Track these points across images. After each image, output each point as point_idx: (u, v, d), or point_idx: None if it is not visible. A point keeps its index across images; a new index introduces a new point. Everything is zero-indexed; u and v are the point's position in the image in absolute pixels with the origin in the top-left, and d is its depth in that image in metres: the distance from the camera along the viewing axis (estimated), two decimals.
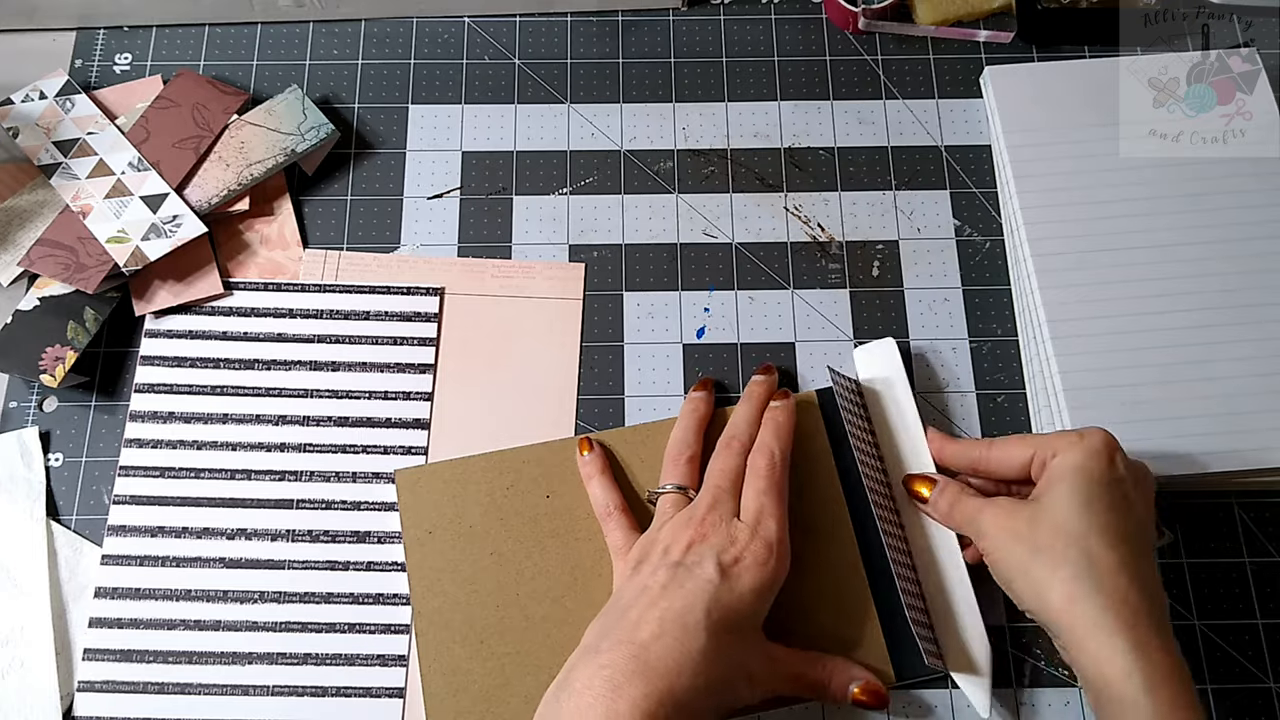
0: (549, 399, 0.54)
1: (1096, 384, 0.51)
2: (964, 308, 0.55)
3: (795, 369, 0.54)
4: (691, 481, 0.48)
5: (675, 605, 0.41)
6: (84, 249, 0.52)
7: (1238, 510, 0.52)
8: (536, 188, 0.58)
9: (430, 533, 0.49)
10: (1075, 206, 0.54)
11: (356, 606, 0.50)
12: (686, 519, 0.46)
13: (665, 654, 0.40)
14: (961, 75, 0.60)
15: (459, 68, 0.61)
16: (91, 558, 0.50)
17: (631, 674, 0.39)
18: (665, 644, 0.40)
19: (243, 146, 0.56)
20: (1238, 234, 0.53)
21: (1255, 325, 0.52)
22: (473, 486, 0.50)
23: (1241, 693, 0.48)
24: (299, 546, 0.51)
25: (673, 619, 0.41)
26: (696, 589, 0.42)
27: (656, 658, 0.39)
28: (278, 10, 0.61)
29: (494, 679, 0.47)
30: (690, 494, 0.48)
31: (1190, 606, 0.50)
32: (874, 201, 0.58)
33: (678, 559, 0.43)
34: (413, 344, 0.54)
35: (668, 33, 0.62)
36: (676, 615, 0.41)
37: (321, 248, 0.56)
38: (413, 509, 0.50)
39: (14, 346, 0.52)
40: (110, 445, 0.52)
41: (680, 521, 0.46)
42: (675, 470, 0.49)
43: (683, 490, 0.48)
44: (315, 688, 0.48)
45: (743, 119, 0.60)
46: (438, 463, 0.51)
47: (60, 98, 0.57)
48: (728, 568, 0.43)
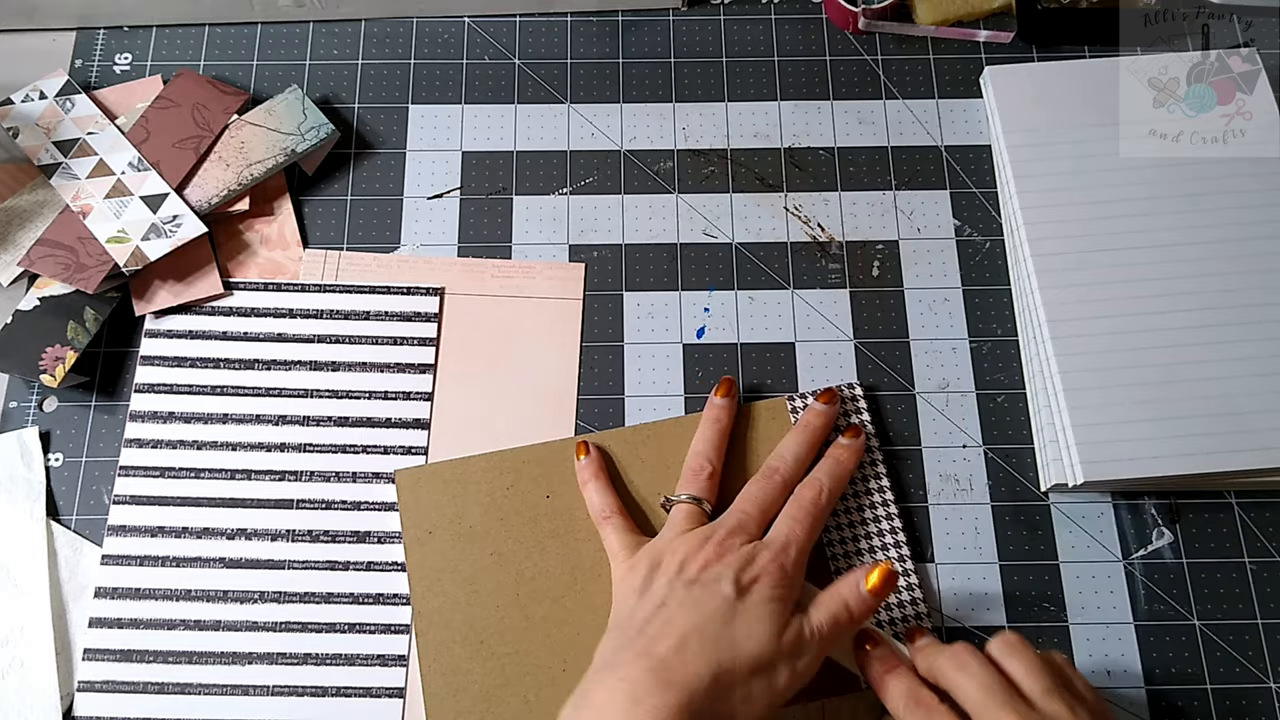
0: (549, 399, 0.53)
1: (1096, 384, 0.51)
2: (964, 308, 0.55)
3: (795, 369, 0.54)
4: (709, 496, 0.48)
5: (693, 619, 0.41)
6: (84, 249, 0.52)
7: (1238, 510, 0.52)
8: (536, 188, 0.58)
9: (430, 533, 0.49)
10: (1075, 206, 0.54)
11: (356, 606, 0.50)
12: (704, 537, 0.45)
13: (684, 666, 0.40)
14: (961, 75, 0.60)
15: (459, 68, 0.61)
16: (91, 558, 0.50)
17: (651, 687, 0.39)
18: (684, 657, 0.40)
19: (243, 146, 0.56)
20: (1238, 234, 0.53)
21: (1255, 325, 0.52)
22: (473, 487, 0.50)
23: (1241, 693, 0.48)
24: (299, 546, 0.51)
25: (691, 631, 0.41)
26: (714, 605, 0.42)
27: (675, 670, 0.40)
28: (278, 10, 0.61)
29: (494, 679, 0.47)
30: (705, 506, 0.47)
31: (1190, 606, 0.50)
32: (874, 201, 0.58)
33: (693, 577, 0.43)
34: (413, 344, 0.54)
35: (668, 33, 0.62)
36: (695, 628, 0.41)
37: (321, 248, 0.56)
38: (413, 509, 0.50)
39: (14, 346, 0.52)
40: (110, 445, 0.52)
41: (697, 539, 0.45)
42: (694, 483, 0.48)
43: (698, 502, 0.47)
44: (315, 688, 0.48)
45: (743, 119, 0.60)
46: (438, 463, 0.51)
47: (60, 98, 0.57)
48: (745, 587, 0.43)
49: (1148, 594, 0.50)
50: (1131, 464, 0.49)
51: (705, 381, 0.54)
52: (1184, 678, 0.49)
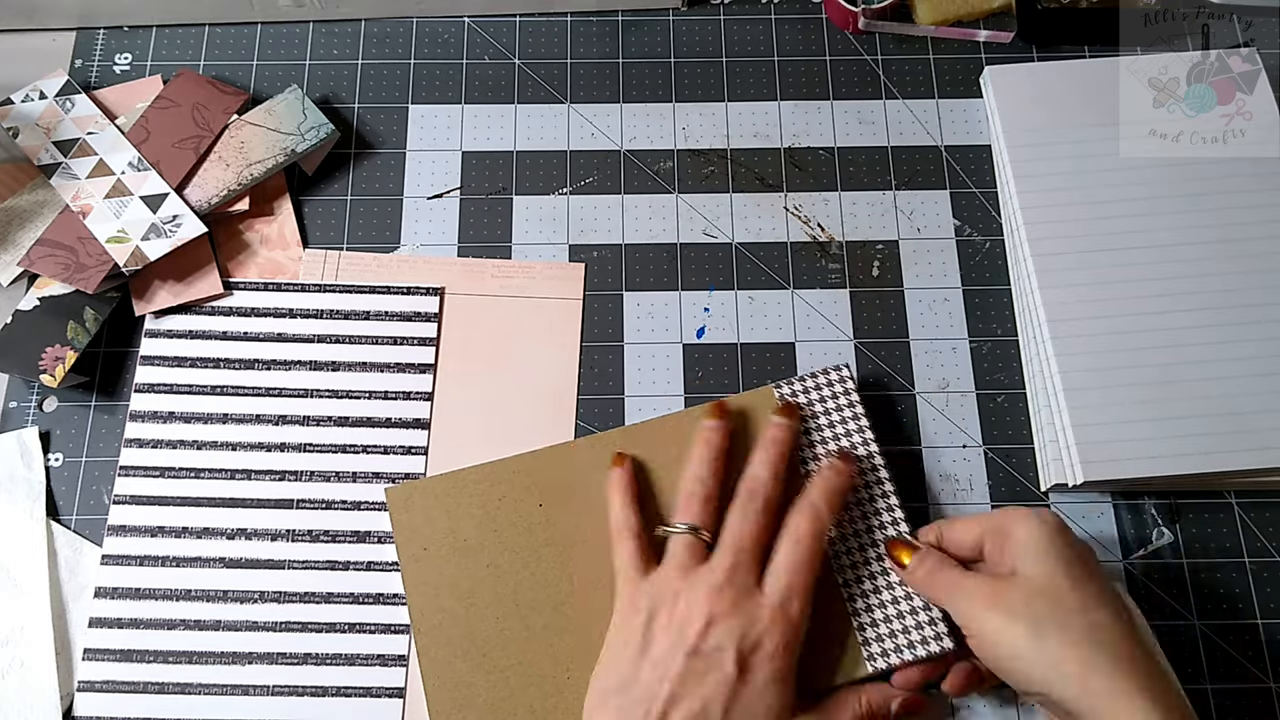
0: (549, 399, 0.53)
1: (1097, 384, 0.51)
2: (964, 308, 0.55)
3: (795, 369, 0.54)
4: (706, 524, 0.47)
5: (694, 706, 0.41)
6: (84, 249, 0.52)
7: (1238, 510, 0.52)
8: (536, 188, 0.58)
9: (425, 549, 0.49)
10: (1075, 206, 0.54)
11: (356, 606, 0.50)
12: (704, 583, 0.44)
13: None
14: (961, 75, 0.60)
15: (459, 68, 0.61)
16: (91, 558, 0.50)
17: None
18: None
19: (243, 146, 0.56)
20: (1238, 234, 0.53)
21: (1255, 325, 0.52)
22: (465, 500, 0.50)
23: (1241, 693, 0.48)
24: (299, 546, 0.51)
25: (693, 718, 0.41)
26: (715, 687, 0.42)
27: None
28: (278, 10, 0.61)
29: (499, 691, 0.47)
30: (704, 535, 0.46)
31: (1190, 606, 0.50)
32: (874, 201, 0.58)
33: (694, 645, 0.42)
34: (413, 344, 0.54)
35: (668, 33, 0.62)
36: (696, 715, 0.41)
37: (321, 248, 0.56)
38: (406, 527, 0.50)
39: (14, 346, 0.52)
40: (110, 445, 0.52)
41: (698, 585, 0.44)
42: (690, 510, 0.47)
43: (696, 531, 0.46)
44: (315, 687, 0.48)
45: (743, 119, 0.60)
46: (428, 479, 0.51)
47: (60, 97, 0.57)
48: (746, 657, 0.42)
49: (1148, 594, 0.50)
50: (1131, 464, 0.49)
51: (705, 381, 0.54)
52: (1184, 678, 0.48)
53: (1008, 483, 0.52)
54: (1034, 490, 0.52)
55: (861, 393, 0.52)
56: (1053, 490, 0.52)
